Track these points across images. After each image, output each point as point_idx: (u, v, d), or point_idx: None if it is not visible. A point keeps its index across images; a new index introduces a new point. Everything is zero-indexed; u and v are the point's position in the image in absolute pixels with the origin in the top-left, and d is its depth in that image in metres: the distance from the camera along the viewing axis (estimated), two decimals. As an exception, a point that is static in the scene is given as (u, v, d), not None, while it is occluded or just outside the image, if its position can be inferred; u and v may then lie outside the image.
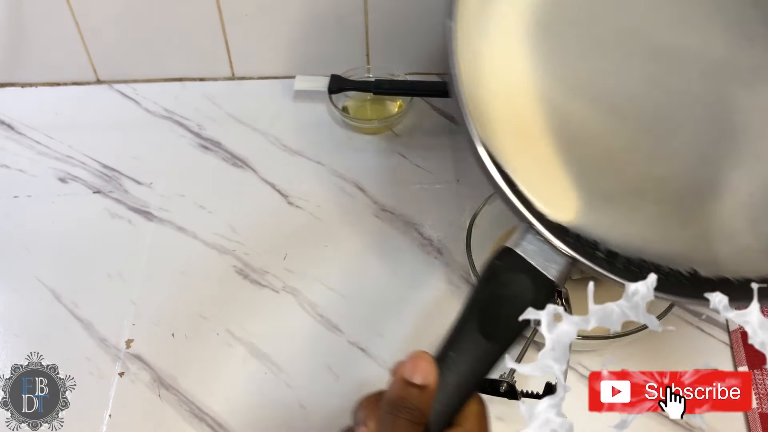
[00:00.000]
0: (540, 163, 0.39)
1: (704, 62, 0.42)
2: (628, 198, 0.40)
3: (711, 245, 0.39)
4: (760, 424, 0.45)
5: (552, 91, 0.40)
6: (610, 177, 0.40)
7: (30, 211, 0.62)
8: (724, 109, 0.41)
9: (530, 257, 0.35)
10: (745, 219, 0.40)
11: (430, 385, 0.33)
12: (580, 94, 0.41)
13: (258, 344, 0.51)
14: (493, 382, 0.41)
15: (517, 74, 0.40)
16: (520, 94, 0.40)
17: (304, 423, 0.47)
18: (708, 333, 0.51)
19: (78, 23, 0.72)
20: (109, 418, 0.47)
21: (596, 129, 0.40)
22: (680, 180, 0.41)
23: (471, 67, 0.38)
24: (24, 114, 0.72)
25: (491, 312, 0.34)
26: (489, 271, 0.35)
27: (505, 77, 0.40)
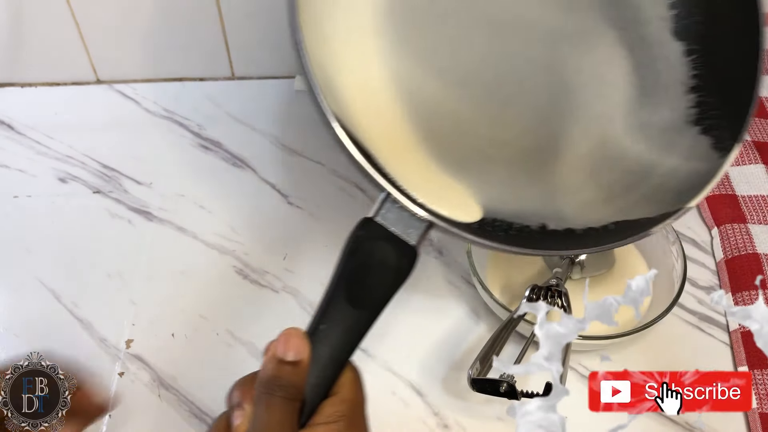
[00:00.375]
0: (398, 139, 0.41)
1: (539, 30, 0.45)
2: (480, 164, 0.42)
3: (557, 200, 0.42)
4: (760, 424, 0.45)
5: (401, 69, 0.42)
6: (462, 145, 0.42)
7: (30, 211, 0.62)
8: (561, 72, 0.44)
9: (390, 225, 0.36)
10: (585, 173, 0.42)
11: (303, 360, 0.33)
12: (426, 70, 0.42)
13: (258, 344, 0.51)
14: (494, 382, 0.41)
15: (367, 58, 0.41)
16: (372, 77, 0.41)
17: (304, 423, 0.47)
18: (708, 333, 0.51)
19: (78, 23, 0.72)
20: (109, 418, 0.47)
21: (445, 101, 0.42)
22: (525, 141, 0.43)
23: (319, 48, 0.39)
24: (24, 114, 0.72)
25: (357, 281, 0.35)
26: (352, 243, 0.36)
27: (356, 62, 0.41)
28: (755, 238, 0.55)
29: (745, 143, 0.64)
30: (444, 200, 0.39)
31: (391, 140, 0.40)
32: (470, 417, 0.46)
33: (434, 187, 0.40)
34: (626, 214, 0.40)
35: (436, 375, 0.49)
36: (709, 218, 0.59)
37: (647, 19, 0.45)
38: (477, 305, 0.53)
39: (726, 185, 0.60)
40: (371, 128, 0.39)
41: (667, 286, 0.50)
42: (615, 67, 0.45)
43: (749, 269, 0.53)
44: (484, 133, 0.43)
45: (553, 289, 0.49)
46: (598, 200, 0.42)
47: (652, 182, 0.42)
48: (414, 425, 0.46)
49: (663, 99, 0.44)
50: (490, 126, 0.43)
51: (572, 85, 0.44)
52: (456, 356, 0.50)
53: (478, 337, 0.51)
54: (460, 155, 0.42)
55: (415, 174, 0.39)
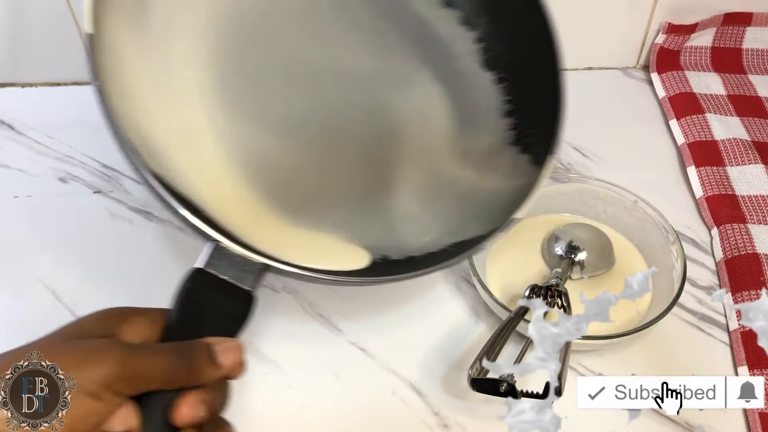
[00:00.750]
0: (229, 193, 0.41)
1: (358, 74, 0.47)
2: (316, 208, 0.44)
3: (396, 231, 0.44)
4: (760, 424, 0.45)
5: (227, 126, 0.43)
6: (296, 193, 0.44)
7: (30, 211, 0.62)
8: (384, 113, 0.47)
9: (223, 273, 0.35)
10: (420, 203, 0.46)
11: (132, 430, 0.31)
12: (252, 125, 0.44)
13: (258, 344, 0.51)
14: (494, 381, 0.41)
15: (193, 121, 0.42)
16: (198, 131, 0.42)
17: (304, 423, 0.47)
18: (708, 333, 0.51)
19: (78, 23, 0.72)
20: (109, 418, 0.47)
21: (274, 152, 0.44)
22: (357, 183, 0.45)
23: (124, 99, 0.40)
24: (24, 114, 0.72)
25: (191, 334, 0.34)
26: (182, 296, 0.35)
27: (179, 121, 0.41)
28: (755, 238, 0.55)
29: (744, 143, 0.64)
30: (281, 245, 0.39)
31: (220, 193, 0.41)
32: (470, 417, 0.46)
33: (271, 233, 0.41)
34: (461, 235, 0.43)
35: (436, 375, 0.49)
36: (709, 218, 0.59)
37: (457, 55, 0.48)
38: (477, 305, 0.53)
39: (726, 185, 0.60)
40: (200, 183, 0.40)
41: (667, 286, 0.50)
42: (434, 101, 0.48)
43: (749, 269, 0.53)
44: (315, 180, 0.45)
45: (552, 289, 0.49)
46: (433, 226, 0.44)
47: (481, 203, 0.45)
48: (414, 425, 0.46)
49: (482, 126, 0.47)
50: (321, 173, 0.45)
51: (396, 124, 0.47)
52: (456, 356, 0.50)
53: (478, 337, 0.51)
54: (296, 202, 0.44)
55: (247, 221, 0.40)
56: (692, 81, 0.72)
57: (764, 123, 0.67)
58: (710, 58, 0.75)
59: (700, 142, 0.65)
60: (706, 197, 0.60)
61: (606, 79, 0.77)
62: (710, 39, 0.74)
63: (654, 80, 0.74)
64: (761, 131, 0.66)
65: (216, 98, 0.43)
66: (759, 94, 0.71)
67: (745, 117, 0.68)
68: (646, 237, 0.55)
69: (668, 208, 0.55)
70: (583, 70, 0.79)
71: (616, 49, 0.77)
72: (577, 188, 0.57)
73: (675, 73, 0.74)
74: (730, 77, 0.73)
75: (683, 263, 0.49)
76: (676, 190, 0.63)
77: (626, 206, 0.56)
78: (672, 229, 0.52)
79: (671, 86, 0.72)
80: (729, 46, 0.74)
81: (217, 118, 0.43)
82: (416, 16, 0.48)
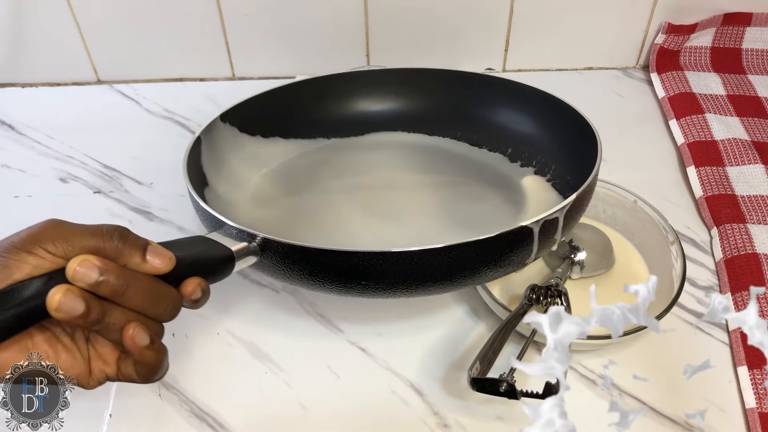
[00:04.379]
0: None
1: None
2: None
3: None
4: (759, 424, 0.45)
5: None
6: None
7: (31, 211, 0.62)
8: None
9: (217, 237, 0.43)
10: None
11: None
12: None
13: (258, 344, 0.51)
14: (493, 381, 0.41)
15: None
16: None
17: (304, 423, 0.47)
18: (708, 333, 0.51)
19: (78, 23, 0.72)
20: (110, 418, 0.47)
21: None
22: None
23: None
24: (24, 114, 0.72)
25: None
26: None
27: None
28: (755, 239, 0.55)
29: (744, 143, 0.64)
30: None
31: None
32: (470, 417, 0.46)
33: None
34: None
35: (436, 374, 0.49)
36: (709, 218, 0.59)
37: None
38: (477, 305, 0.53)
39: (725, 185, 0.60)
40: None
41: (667, 286, 0.50)
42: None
43: (749, 269, 0.53)
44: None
45: (552, 288, 0.49)
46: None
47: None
48: (414, 425, 0.46)
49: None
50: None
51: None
52: (456, 356, 0.50)
53: (478, 337, 0.51)
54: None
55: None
56: (692, 81, 0.72)
57: (764, 123, 0.67)
58: (710, 58, 0.75)
59: (700, 142, 0.65)
60: (705, 197, 0.60)
61: (606, 79, 0.77)
62: (710, 39, 0.74)
63: (654, 80, 0.74)
64: (761, 131, 0.66)
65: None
66: (759, 94, 0.71)
67: (744, 117, 0.68)
68: (646, 237, 0.55)
69: (668, 208, 0.55)
70: (583, 70, 0.79)
71: (616, 49, 0.78)
72: (577, 188, 0.57)
73: (675, 73, 0.74)
74: (729, 77, 0.73)
75: (683, 263, 0.50)
76: (676, 190, 0.63)
77: (626, 206, 0.56)
78: (672, 229, 0.52)
79: (671, 86, 0.72)
80: (729, 46, 0.74)
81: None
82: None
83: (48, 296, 0.32)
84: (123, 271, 0.34)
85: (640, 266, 0.54)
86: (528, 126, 0.61)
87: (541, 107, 0.59)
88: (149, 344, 0.35)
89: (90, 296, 0.33)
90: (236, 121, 0.60)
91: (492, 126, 0.62)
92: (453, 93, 0.63)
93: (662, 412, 0.46)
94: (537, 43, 0.76)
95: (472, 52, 0.76)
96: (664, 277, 0.51)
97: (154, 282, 0.36)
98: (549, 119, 0.59)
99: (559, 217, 0.45)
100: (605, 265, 0.54)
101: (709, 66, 0.74)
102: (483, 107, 0.63)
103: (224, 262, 0.41)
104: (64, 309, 0.32)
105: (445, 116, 0.64)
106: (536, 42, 0.76)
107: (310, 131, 0.64)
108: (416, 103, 0.65)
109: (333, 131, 0.64)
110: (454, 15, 0.73)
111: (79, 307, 0.32)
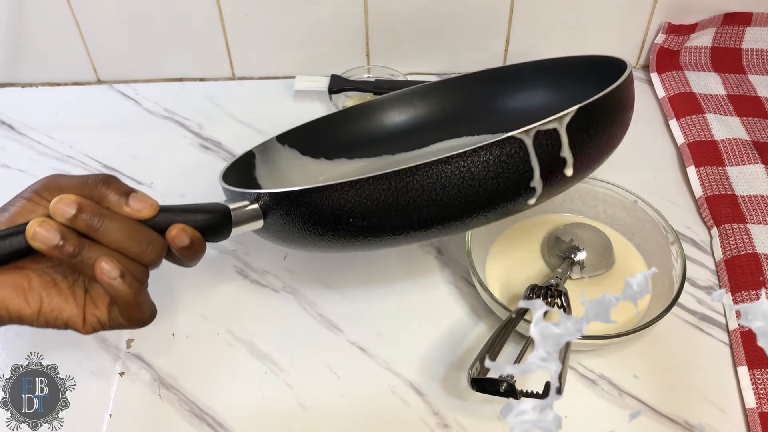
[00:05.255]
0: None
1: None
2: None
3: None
4: (759, 424, 0.45)
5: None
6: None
7: (30, 211, 0.62)
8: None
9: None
10: None
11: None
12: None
13: (258, 344, 0.51)
14: (493, 381, 0.41)
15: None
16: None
17: (304, 423, 0.47)
18: (707, 333, 0.51)
19: (78, 23, 0.72)
20: (110, 418, 0.47)
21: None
22: None
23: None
24: (24, 114, 0.72)
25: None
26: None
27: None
28: (755, 239, 0.55)
29: (744, 143, 0.64)
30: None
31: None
32: (470, 417, 0.46)
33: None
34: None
35: (436, 375, 0.49)
36: (709, 218, 0.59)
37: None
38: (477, 305, 0.53)
39: (726, 185, 0.60)
40: None
41: (667, 286, 0.50)
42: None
43: (749, 269, 0.53)
44: None
45: (552, 288, 0.49)
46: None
47: None
48: (414, 425, 0.46)
49: None
50: None
51: None
52: (456, 356, 0.50)
53: (478, 337, 0.51)
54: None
55: None
56: (692, 81, 0.72)
57: (764, 123, 0.67)
58: (710, 58, 0.75)
59: (700, 142, 0.65)
60: (705, 197, 0.60)
61: (606, 79, 0.77)
62: (710, 39, 0.74)
63: (654, 80, 0.74)
64: (761, 131, 0.66)
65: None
66: (759, 94, 0.71)
67: (744, 117, 0.68)
68: (646, 237, 0.55)
69: (668, 208, 0.55)
70: (583, 70, 0.79)
71: (616, 49, 0.77)
72: (576, 188, 0.57)
73: (675, 73, 0.74)
74: (729, 77, 0.73)
75: (683, 263, 0.50)
76: (676, 190, 0.63)
77: (626, 206, 0.56)
78: (672, 229, 0.52)
79: (671, 86, 0.72)
80: (729, 46, 0.74)
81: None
82: None
83: (27, 226, 0.35)
84: (100, 210, 0.37)
85: (640, 266, 0.54)
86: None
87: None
88: (119, 277, 0.36)
89: (67, 230, 0.36)
90: (296, 144, 0.62)
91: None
92: (504, 91, 0.63)
93: (662, 412, 0.46)
94: (537, 44, 0.76)
95: (471, 52, 0.76)
96: (664, 277, 0.51)
97: (132, 223, 0.38)
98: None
99: (558, 128, 0.40)
100: (605, 265, 0.54)
101: (709, 66, 0.74)
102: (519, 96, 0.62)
103: (220, 218, 0.43)
104: (39, 238, 0.35)
105: (503, 114, 0.63)
106: (536, 42, 0.76)
107: (374, 150, 0.64)
108: (474, 105, 0.64)
109: (396, 146, 0.64)
110: (453, 16, 0.73)
111: (54, 238, 0.35)
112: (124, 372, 0.50)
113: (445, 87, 0.66)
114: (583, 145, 0.42)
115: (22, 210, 0.37)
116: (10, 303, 0.37)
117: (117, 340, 0.52)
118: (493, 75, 0.64)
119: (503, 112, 0.63)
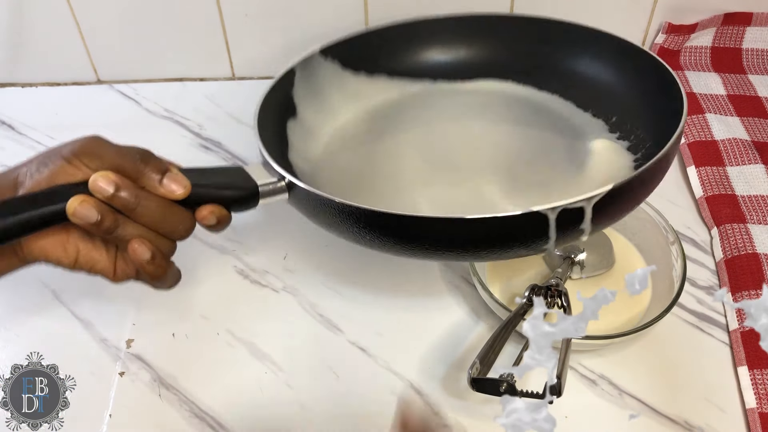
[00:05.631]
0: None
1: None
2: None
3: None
4: (759, 424, 0.45)
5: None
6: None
7: (30, 211, 0.62)
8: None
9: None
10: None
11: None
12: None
13: (258, 344, 0.51)
14: (494, 381, 0.41)
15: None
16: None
17: (304, 423, 0.47)
18: (708, 333, 0.51)
19: (78, 23, 0.72)
20: (110, 418, 0.47)
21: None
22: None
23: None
24: (24, 114, 0.72)
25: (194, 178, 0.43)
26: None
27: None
28: (755, 239, 0.55)
29: (744, 143, 0.64)
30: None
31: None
32: (470, 417, 0.46)
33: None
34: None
35: (436, 374, 0.49)
36: (709, 218, 0.59)
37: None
38: (477, 305, 0.53)
39: (726, 185, 0.60)
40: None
41: (667, 286, 0.50)
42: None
43: (749, 269, 0.53)
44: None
45: (552, 289, 0.49)
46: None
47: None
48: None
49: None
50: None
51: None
52: (456, 356, 0.50)
53: (478, 337, 0.51)
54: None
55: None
56: (692, 81, 0.72)
57: (764, 123, 0.67)
58: (710, 58, 0.75)
59: (700, 142, 0.65)
60: (706, 197, 0.60)
61: (606, 79, 0.77)
62: (710, 39, 0.74)
63: (654, 80, 0.74)
64: (761, 131, 0.66)
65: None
66: (759, 94, 0.71)
67: (745, 117, 0.68)
68: (646, 237, 0.55)
69: (668, 208, 0.55)
70: (583, 70, 0.78)
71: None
72: (577, 188, 0.57)
73: (675, 72, 0.73)
74: (730, 77, 0.73)
75: (683, 263, 0.49)
76: (676, 190, 0.63)
77: (626, 206, 0.56)
78: (672, 229, 0.52)
79: (671, 86, 0.72)
80: (729, 46, 0.74)
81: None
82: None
83: (68, 203, 0.38)
84: (137, 190, 0.39)
85: (640, 266, 0.54)
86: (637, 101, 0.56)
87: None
88: (150, 260, 0.40)
89: (106, 208, 0.38)
90: (339, 56, 0.60)
91: (600, 89, 0.58)
92: (571, 50, 0.60)
93: (662, 412, 0.46)
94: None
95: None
96: (664, 277, 0.51)
97: (166, 203, 0.40)
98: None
99: (585, 206, 0.40)
100: (605, 265, 0.54)
101: (709, 66, 0.74)
102: (594, 68, 0.59)
103: (248, 194, 0.44)
104: (78, 215, 0.37)
105: (559, 72, 0.60)
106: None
107: (417, 71, 0.62)
108: (526, 54, 0.61)
109: (440, 73, 0.62)
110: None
111: (93, 216, 0.38)
112: (124, 372, 0.50)
113: (499, 24, 0.62)
114: (605, 217, 0.42)
115: (62, 171, 0.39)
116: (51, 252, 0.41)
117: (117, 340, 0.52)
118: (551, 27, 0.60)
119: (554, 70, 0.60)
